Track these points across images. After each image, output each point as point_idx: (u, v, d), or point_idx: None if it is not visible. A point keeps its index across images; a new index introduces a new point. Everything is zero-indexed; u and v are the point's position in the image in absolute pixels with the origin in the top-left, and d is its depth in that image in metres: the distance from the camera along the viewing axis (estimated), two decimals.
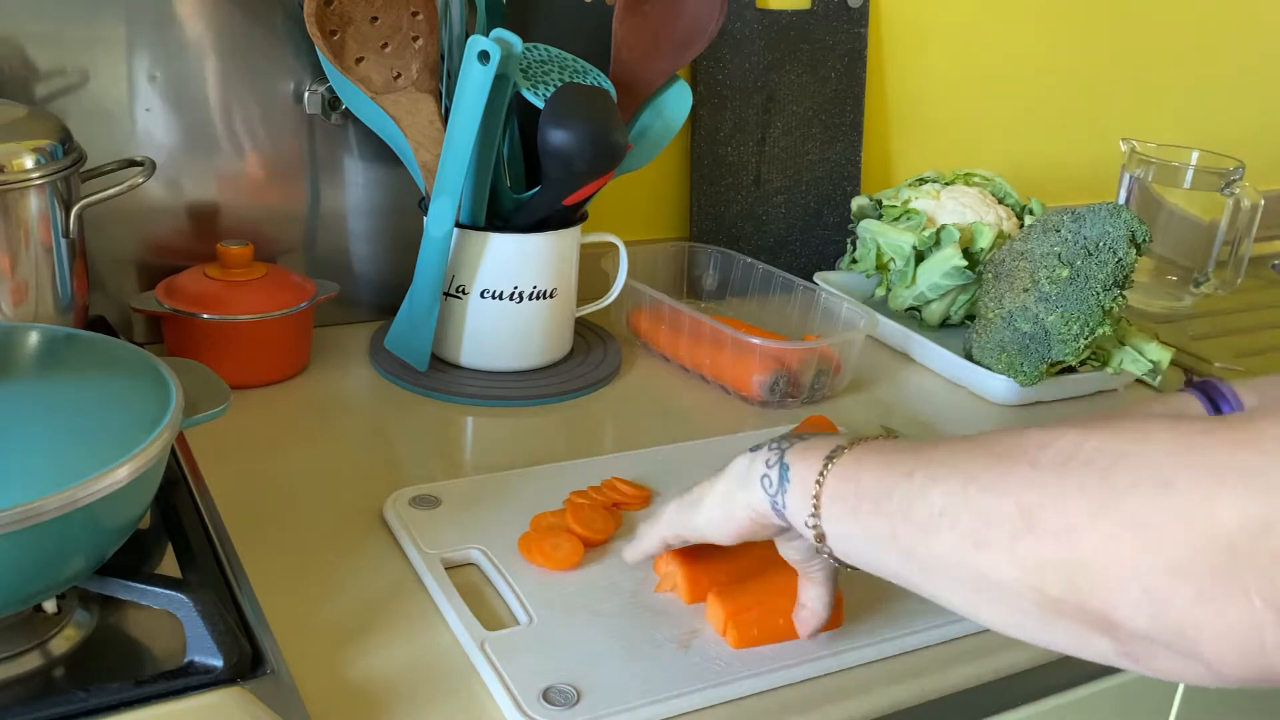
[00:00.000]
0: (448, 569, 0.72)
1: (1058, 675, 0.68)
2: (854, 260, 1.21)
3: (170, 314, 0.93)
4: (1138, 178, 1.35)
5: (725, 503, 0.62)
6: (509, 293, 0.97)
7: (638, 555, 0.69)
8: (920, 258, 1.14)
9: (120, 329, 0.98)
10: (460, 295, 0.98)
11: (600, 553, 0.74)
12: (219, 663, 0.58)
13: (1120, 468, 0.44)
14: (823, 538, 0.56)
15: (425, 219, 0.94)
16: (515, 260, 0.97)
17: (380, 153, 1.06)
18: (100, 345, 0.69)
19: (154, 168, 0.88)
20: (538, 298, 0.98)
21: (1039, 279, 1.01)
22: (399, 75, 0.94)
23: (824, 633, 0.68)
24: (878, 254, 1.17)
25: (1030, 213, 1.20)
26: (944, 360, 1.10)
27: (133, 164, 0.90)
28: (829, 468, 0.56)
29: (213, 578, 0.67)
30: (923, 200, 1.19)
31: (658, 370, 1.07)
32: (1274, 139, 1.69)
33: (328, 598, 0.69)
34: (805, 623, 0.66)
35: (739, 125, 1.25)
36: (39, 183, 0.81)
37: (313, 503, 0.80)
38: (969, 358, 1.08)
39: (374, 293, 1.10)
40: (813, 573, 0.65)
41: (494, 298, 0.97)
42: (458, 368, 1.00)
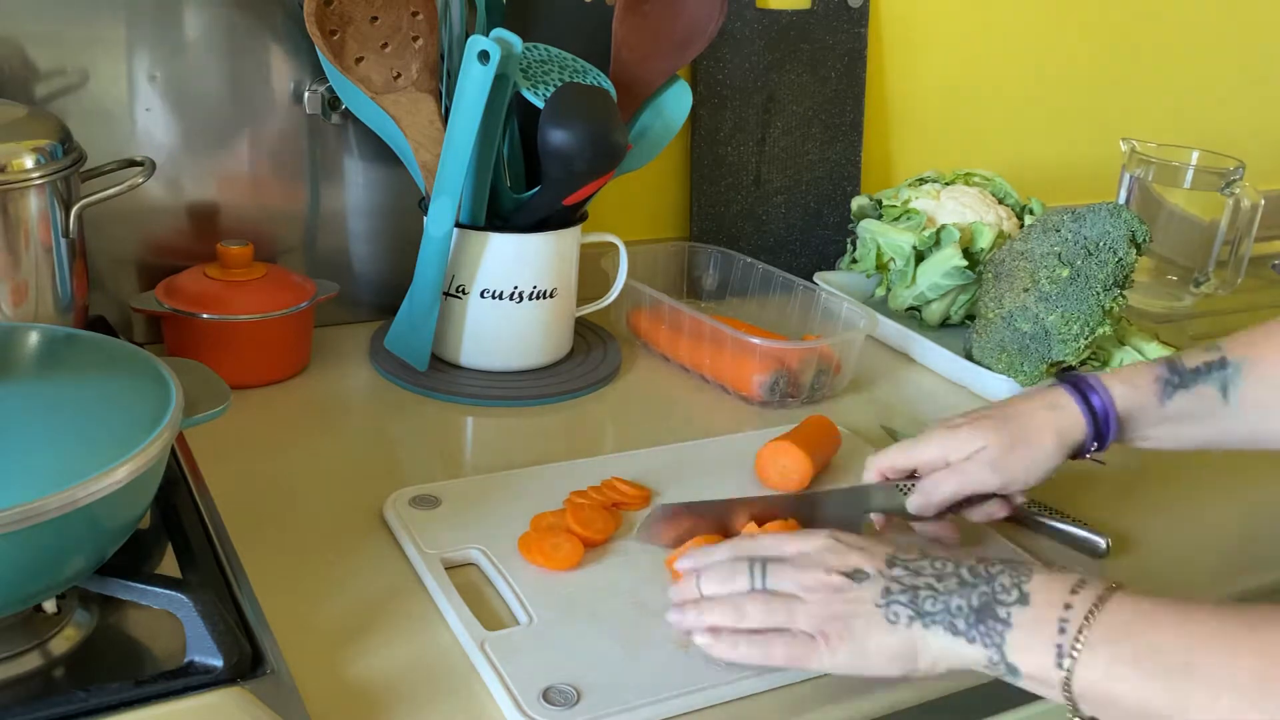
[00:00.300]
0: (448, 569, 0.72)
1: None
2: (854, 260, 1.21)
3: (170, 314, 0.93)
4: (1138, 178, 1.35)
5: None
6: (509, 293, 0.97)
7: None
8: (920, 258, 1.14)
9: (120, 329, 0.98)
10: (460, 295, 0.98)
11: (600, 553, 0.74)
12: (219, 663, 0.59)
13: None
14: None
15: (425, 219, 0.94)
16: (515, 260, 0.97)
17: (380, 153, 1.05)
18: (100, 345, 0.69)
19: (154, 168, 0.88)
20: (538, 298, 0.98)
21: (1039, 279, 1.01)
22: (399, 75, 0.94)
23: None
24: (878, 254, 1.17)
25: (1030, 213, 1.20)
26: (944, 360, 1.10)
27: (133, 164, 0.90)
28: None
29: (213, 578, 0.67)
30: (923, 200, 1.19)
31: (658, 370, 1.07)
32: (1274, 139, 1.69)
33: (328, 598, 0.69)
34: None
35: (739, 125, 1.24)
36: (39, 183, 0.81)
37: (313, 503, 0.80)
38: (969, 358, 1.08)
39: (374, 293, 1.10)
40: None
41: (494, 298, 0.97)
42: (458, 368, 1.00)
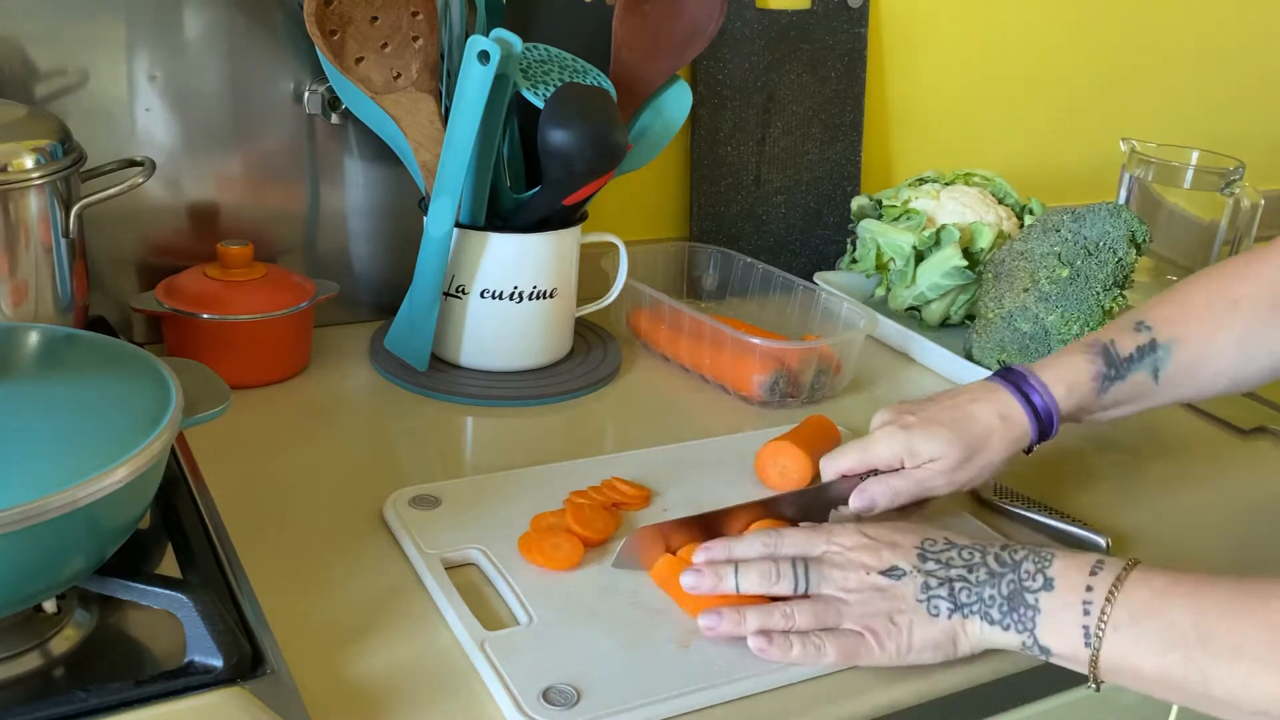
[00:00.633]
0: (448, 569, 0.72)
1: (1057, 676, 0.68)
2: (854, 260, 1.21)
3: (170, 314, 0.93)
4: (1138, 178, 1.35)
5: None
6: (509, 293, 0.97)
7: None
8: (920, 258, 1.14)
9: (120, 329, 0.98)
10: (460, 295, 0.98)
11: (600, 553, 0.74)
12: (219, 663, 0.58)
13: None
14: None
15: (425, 219, 0.94)
16: (515, 260, 0.97)
17: (380, 153, 1.05)
18: (100, 345, 0.69)
19: (154, 168, 0.88)
20: (538, 298, 0.98)
21: (1039, 279, 1.01)
22: (399, 75, 0.94)
23: None
24: (878, 254, 1.17)
25: (1030, 213, 1.20)
26: (944, 360, 1.10)
27: (133, 164, 0.90)
28: None
29: (213, 578, 0.67)
30: (923, 200, 1.19)
31: (658, 370, 1.07)
32: (1274, 139, 1.69)
33: (328, 598, 0.69)
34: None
35: (739, 125, 1.24)
36: (39, 183, 0.81)
37: (313, 503, 0.80)
38: (969, 358, 1.08)
39: (374, 293, 1.10)
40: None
41: (494, 298, 0.97)
42: (458, 368, 1.00)
